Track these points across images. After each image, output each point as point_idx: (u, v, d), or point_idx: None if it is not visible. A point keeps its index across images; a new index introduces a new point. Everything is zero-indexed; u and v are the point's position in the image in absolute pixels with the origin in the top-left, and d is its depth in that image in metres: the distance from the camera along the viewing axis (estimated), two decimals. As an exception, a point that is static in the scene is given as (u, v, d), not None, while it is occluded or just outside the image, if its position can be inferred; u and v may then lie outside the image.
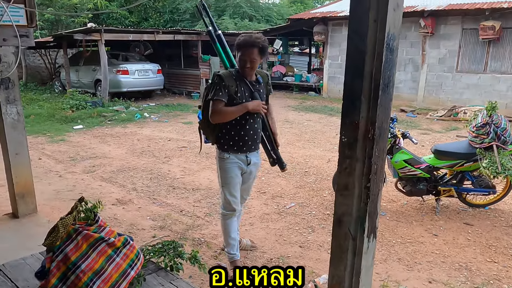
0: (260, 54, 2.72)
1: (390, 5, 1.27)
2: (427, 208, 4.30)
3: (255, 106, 2.75)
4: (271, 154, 3.09)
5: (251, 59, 2.69)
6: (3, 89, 3.42)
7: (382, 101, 1.37)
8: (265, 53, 2.77)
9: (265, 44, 2.73)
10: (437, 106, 10.86)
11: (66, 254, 1.86)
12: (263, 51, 2.73)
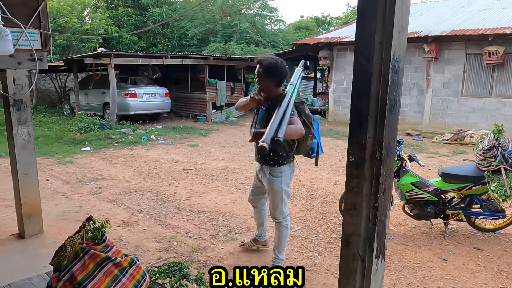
0: (263, 74, 2.90)
1: (395, 28, 1.31)
2: (436, 232, 4.24)
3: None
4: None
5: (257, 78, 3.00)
6: (16, 110, 3.49)
7: (389, 121, 1.39)
8: (269, 74, 2.88)
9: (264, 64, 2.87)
10: (443, 130, 10.86)
11: (72, 274, 1.85)
12: (265, 71, 2.87)
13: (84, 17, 19.13)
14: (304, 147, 3.07)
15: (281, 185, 3.11)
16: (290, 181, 3.21)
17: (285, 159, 3.08)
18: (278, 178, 3.09)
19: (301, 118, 2.96)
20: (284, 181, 3.12)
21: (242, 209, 4.94)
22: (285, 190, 3.15)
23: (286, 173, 3.12)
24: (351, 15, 30.54)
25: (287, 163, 3.10)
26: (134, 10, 20.73)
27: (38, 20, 3.40)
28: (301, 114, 2.99)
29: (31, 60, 3.43)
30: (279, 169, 3.08)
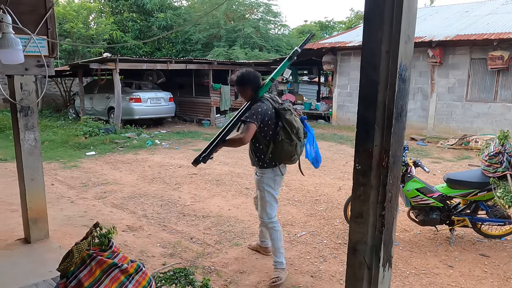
0: (238, 85, 3.34)
1: (401, 38, 1.32)
2: (441, 238, 4.22)
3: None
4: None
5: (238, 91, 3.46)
6: (23, 116, 3.52)
7: (396, 129, 1.40)
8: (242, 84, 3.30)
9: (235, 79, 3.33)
10: (447, 135, 10.81)
11: (79, 280, 1.86)
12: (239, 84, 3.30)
13: (90, 22, 19.27)
14: (283, 153, 3.19)
15: (263, 185, 3.30)
16: (274, 184, 3.33)
17: (265, 163, 3.26)
18: (261, 178, 3.31)
19: (281, 123, 3.16)
20: (266, 182, 3.29)
21: (246, 214, 4.94)
22: (267, 190, 3.30)
23: (268, 175, 3.29)
24: (355, 20, 30.60)
25: (268, 167, 3.27)
26: (139, 15, 20.88)
27: (45, 26, 3.44)
28: (282, 120, 3.17)
29: (38, 66, 3.47)
30: (262, 171, 3.30)
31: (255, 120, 3.08)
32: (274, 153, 3.21)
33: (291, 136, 3.16)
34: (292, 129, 3.16)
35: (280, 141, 3.15)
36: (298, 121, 3.25)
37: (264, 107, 3.15)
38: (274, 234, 3.38)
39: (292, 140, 3.16)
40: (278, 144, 3.16)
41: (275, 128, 3.19)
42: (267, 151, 3.21)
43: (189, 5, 23.57)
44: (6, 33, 2.36)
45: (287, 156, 3.21)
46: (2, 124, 11.36)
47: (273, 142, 3.19)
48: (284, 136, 3.15)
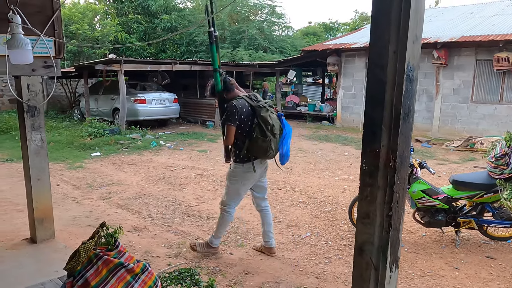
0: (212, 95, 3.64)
1: (409, 38, 1.32)
2: (447, 240, 4.19)
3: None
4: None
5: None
6: (29, 116, 3.55)
7: (403, 130, 1.39)
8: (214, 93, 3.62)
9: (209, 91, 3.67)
10: (452, 137, 10.76)
11: (86, 280, 1.87)
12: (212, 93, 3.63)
13: (95, 24, 19.39)
14: (258, 149, 3.37)
15: (231, 177, 3.55)
16: (242, 179, 3.51)
17: (238, 158, 3.45)
18: (231, 172, 3.54)
19: (257, 119, 3.35)
20: (233, 175, 3.53)
21: (251, 215, 4.94)
22: (233, 183, 3.54)
23: (238, 170, 3.49)
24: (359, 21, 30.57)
25: (240, 162, 3.45)
26: (144, 17, 20.98)
27: (52, 28, 3.47)
28: (257, 117, 3.36)
29: (45, 67, 3.49)
30: (234, 165, 3.51)
31: (232, 122, 3.31)
32: (249, 149, 3.39)
33: (265, 132, 3.32)
34: (266, 125, 3.32)
35: (255, 137, 3.32)
36: (274, 118, 3.43)
37: (239, 106, 3.33)
38: (222, 219, 3.66)
39: (266, 137, 3.32)
40: (253, 140, 3.34)
41: (251, 125, 3.35)
42: (243, 146, 3.39)
43: (193, 6, 23.65)
44: (16, 33, 2.38)
45: (262, 151, 3.38)
46: (8, 125, 11.45)
47: (248, 139, 3.36)
48: (259, 132, 3.32)
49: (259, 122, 3.33)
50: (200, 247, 3.75)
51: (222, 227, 3.69)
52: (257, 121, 3.33)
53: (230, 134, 3.34)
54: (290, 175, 7.01)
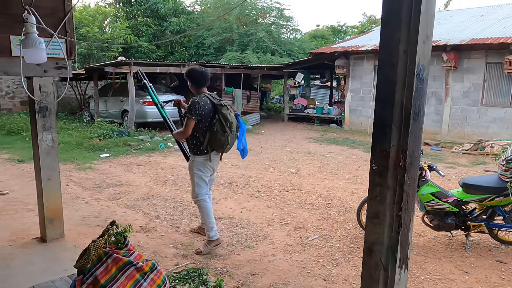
0: (186, 78, 3.84)
1: (420, 37, 1.32)
2: (456, 243, 4.15)
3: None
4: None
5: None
6: (41, 117, 3.60)
7: (413, 129, 1.39)
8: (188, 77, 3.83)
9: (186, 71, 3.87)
10: (462, 140, 10.66)
11: (96, 277, 1.89)
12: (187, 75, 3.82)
13: (105, 27, 19.60)
14: (216, 142, 3.73)
15: (194, 168, 3.84)
16: (203, 168, 3.85)
17: (199, 150, 3.78)
18: (193, 163, 3.85)
19: (218, 116, 3.69)
20: (196, 165, 3.83)
21: (258, 217, 4.94)
22: (196, 173, 3.83)
23: (199, 160, 3.81)
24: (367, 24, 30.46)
25: (201, 154, 3.79)
26: (153, 19, 21.15)
27: (64, 29, 3.52)
28: (218, 113, 3.70)
29: (56, 68, 3.54)
30: (195, 157, 3.83)
31: (193, 115, 3.62)
32: (209, 142, 3.74)
33: (225, 128, 3.70)
34: (226, 122, 3.70)
35: (215, 131, 3.67)
36: (232, 116, 3.81)
37: (202, 102, 3.66)
38: (202, 209, 3.89)
39: (225, 132, 3.70)
40: (213, 134, 3.69)
41: (211, 120, 3.70)
42: (203, 140, 3.74)
43: (202, 9, 23.80)
44: (31, 33, 2.43)
45: (220, 144, 3.74)
46: (19, 126, 11.58)
47: (209, 132, 3.71)
48: (219, 127, 3.68)
49: (219, 118, 3.69)
50: (205, 248, 3.86)
51: (208, 216, 3.88)
52: (218, 117, 3.69)
53: (189, 127, 3.65)
54: (298, 177, 7.00)
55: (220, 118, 3.69)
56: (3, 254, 3.45)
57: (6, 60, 3.23)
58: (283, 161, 8.40)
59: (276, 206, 5.39)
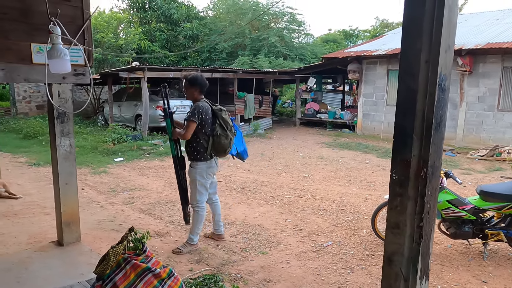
0: (189, 84, 3.84)
1: (442, 47, 1.31)
2: (474, 252, 4.08)
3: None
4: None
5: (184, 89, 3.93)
6: (59, 122, 3.67)
7: (435, 139, 1.38)
8: (192, 84, 3.83)
9: (189, 77, 3.85)
10: (477, 145, 10.49)
11: (115, 283, 1.91)
12: (190, 82, 3.82)
13: (119, 32, 19.90)
14: (220, 147, 3.81)
15: (196, 175, 3.86)
16: (206, 175, 3.90)
17: (202, 156, 3.82)
18: (195, 169, 3.86)
19: (218, 120, 3.82)
20: (199, 172, 3.86)
21: (271, 223, 4.94)
22: (199, 180, 3.87)
23: (201, 167, 3.85)
24: (380, 28, 30.30)
25: (204, 160, 3.84)
26: (166, 25, 21.41)
27: (82, 37, 3.59)
28: (218, 118, 3.82)
29: (75, 75, 3.61)
30: (197, 163, 3.84)
31: (196, 118, 3.70)
32: (213, 147, 3.81)
33: (226, 131, 3.82)
34: (227, 126, 3.83)
35: (218, 135, 3.77)
36: (230, 120, 3.92)
37: (205, 107, 3.78)
38: (196, 217, 3.96)
39: (228, 135, 3.82)
40: (216, 138, 3.78)
41: (213, 125, 3.80)
42: (207, 145, 3.81)
43: (214, 15, 23.98)
44: (56, 44, 2.48)
45: (224, 149, 3.83)
46: (36, 130, 11.81)
47: (212, 137, 3.79)
48: (221, 131, 3.79)
49: (220, 122, 3.81)
50: (184, 248, 3.97)
51: (200, 223, 4.00)
52: (219, 121, 3.81)
53: (191, 130, 3.71)
54: (311, 182, 6.97)
55: (221, 122, 3.81)
56: (22, 257, 3.51)
57: (27, 67, 3.31)
58: (296, 166, 8.37)
59: (289, 211, 5.38)
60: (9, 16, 3.18)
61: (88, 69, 3.61)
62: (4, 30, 3.17)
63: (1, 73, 3.20)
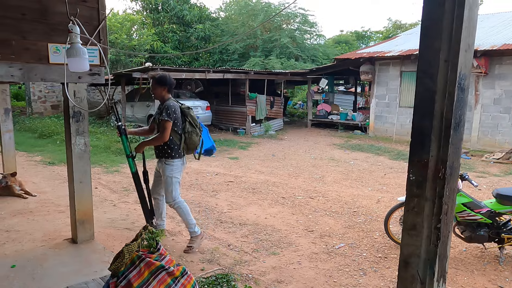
0: (157, 84, 3.91)
1: (462, 46, 1.29)
2: (489, 256, 4.00)
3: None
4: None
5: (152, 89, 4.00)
6: (74, 121, 3.72)
7: (453, 140, 1.36)
8: (160, 83, 3.90)
9: (157, 77, 3.93)
10: (493, 148, 10.31)
11: (129, 281, 1.92)
12: (158, 81, 3.90)
13: (132, 34, 20.10)
14: (191, 144, 3.96)
15: (172, 173, 3.93)
16: (180, 171, 4.01)
17: (176, 153, 3.91)
18: (170, 167, 3.93)
19: (187, 118, 3.92)
20: (175, 169, 3.94)
21: (283, 223, 4.92)
22: (175, 177, 3.95)
23: (177, 163, 3.94)
24: (393, 29, 30.03)
25: (178, 157, 3.93)
26: (179, 26, 21.54)
27: (98, 37, 3.64)
28: (187, 116, 3.93)
29: (90, 74, 3.66)
30: (172, 161, 3.92)
31: (171, 118, 3.78)
32: (185, 144, 3.93)
33: (196, 129, 3.98)
34: (195, 123, 3.99)
35: (189, 132, 3.91)
36: (196, 118, 4.07)
37: (176, 106, 3.88)
38: (182, 211, 4.02)
39: (198, 132, 3.99)
40: (187, 135, 3.91)
41: (183, 123, 3.92)
42: (180, 142, 3.91)
43: (226, 16, 24.06)
44: (75, 43, 2.52)
45: (195, 145, 4.00)
46: (50, 129, 12.00)
47: (183, 135, 3.90)
48: (191, 129, 3.94)
49: (190, 120, 3.94)
50: (193, 243, 4.02)
51: (189, 214, 4.06)
52: (188, 119, 3.93)
53: (168, 130, 3.78)
54: (322, 184, 6.94)
55: (190, 120, 3.96)
56: (37, 254, 3.57)
57: (44, 67, 3.37)
58: (307, 167, 8.34)
59: (301, 213, 5.36)
60: (28, 17, 3.24)
61: (106, 68, 3.66)
62: (23, 30, 3.24)
63: (19, 73, 3.27)
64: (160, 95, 3.97)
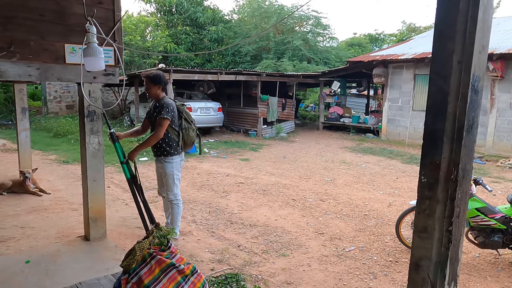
0: (151, 83, 3.92)
1: (476, 48, 1.28)
2: (504, 263, 3.93)
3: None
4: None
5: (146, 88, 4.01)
6: (89, 121, 3.79)
7: (466, 142, 1.35)
8: (155, 82, 3.92)
9: (151, 75, 3.93)
10: (508, 153, 10.12)
11: (140, 277, 1.95)
12: (153, 80, 3.91)
13: (146, 35, 20.33)
14: (188, 140, 4.08)
15: (173, 170, 4.03)
16: (179, 168, 4.12)
17: (175, 150, 4.01)
18: (171, 164, 4.01)
19: (182, 115, 4.03)
20: (175, 167, 4.03)
21: (293, 225, 4.92)
22: (176, 174, 4.06)
23: (176, 161, 4.04)
24: (407, 32, 29.72)
25: (177, 154, 4.03)
26: (192, 28, 21.70)
27: (113, 38, 3.70)
28: (182, 113, 4.04)
29: (105, 75, 3.73)
30: (172, 158, 4.00)
31: (168, 116, 3.84)
32: (183, 140, 4.04)
33: (191, 125, 4.10)
34: (191, 119, 4.11)
35: (186, 129, 4.03)
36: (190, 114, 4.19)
37: (173, 104, 3.95)
38: (176, 209, 4.15)
39: (193, 128, 4.11)
40: (185, 132, 4.02)
41: (179, 120, 4.02)
42: (178, 139, 4.00)
43: (239, 18, 24.15)
44: (92, 42, 2.58)
45: (191, 141, 4.11)
46: (65, 129, 12.20)
47: (181, 131, 4.01)
48: (188, 125, 4.05)
49: (185, 117, 4.05)
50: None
51: (180, 216, 4.22)
52: (184, 116, 4.04)
53: (164, 127, 3.83)
54: (333, 187, 6.90)
55: (186, 116, 4.06)
56: (51, 251, 3.64)
57: (61, 67, 3.44)
58: (318, 170, 8.31)
59: (311, 215, 5.34)
60: (46, 18, 3.32)
61: (121, 69, 3.71)
62: (41, 31, 3.31)
63: (36, 72, 3.35)
64: (155, 93, 4.01)
